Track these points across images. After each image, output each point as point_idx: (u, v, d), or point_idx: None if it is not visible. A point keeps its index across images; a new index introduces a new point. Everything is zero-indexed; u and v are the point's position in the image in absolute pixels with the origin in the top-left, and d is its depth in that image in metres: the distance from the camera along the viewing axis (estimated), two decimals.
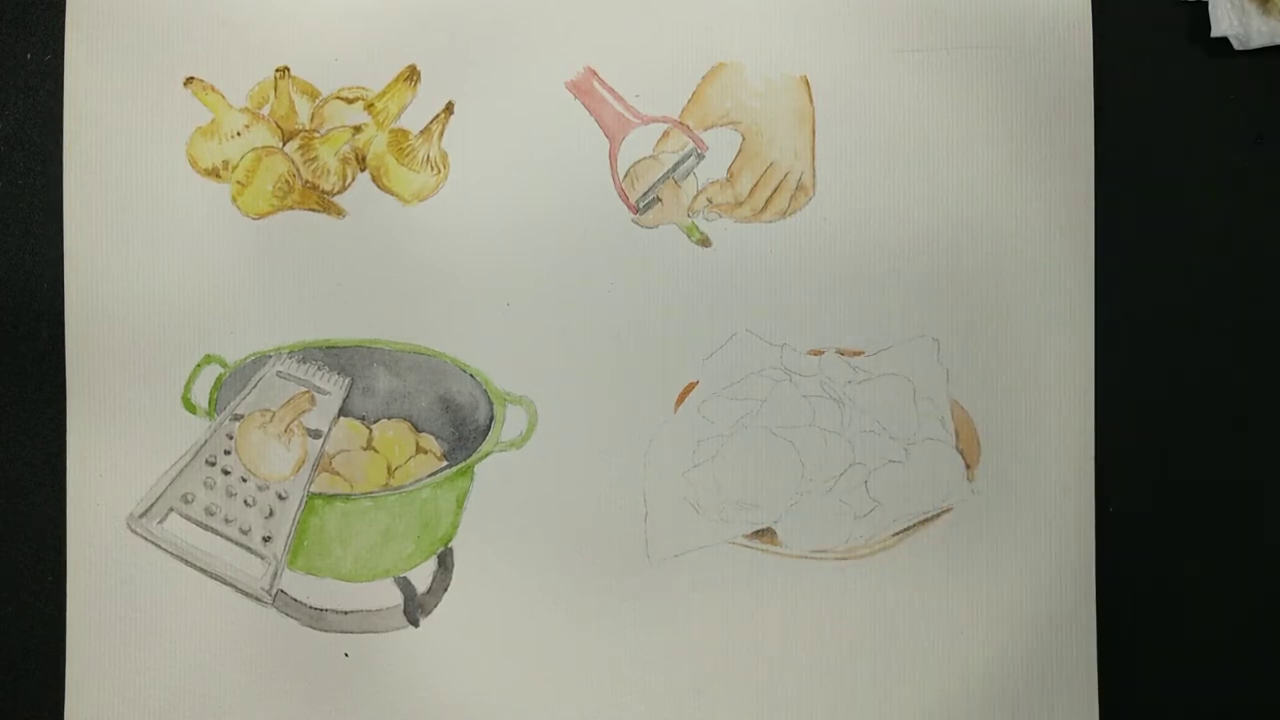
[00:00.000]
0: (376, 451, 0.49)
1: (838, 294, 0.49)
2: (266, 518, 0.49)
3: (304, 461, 0.49)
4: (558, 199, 0.49)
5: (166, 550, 0.49)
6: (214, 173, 0.49)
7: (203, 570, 0.49)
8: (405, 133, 0.49)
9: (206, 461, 0.49)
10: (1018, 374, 0.49)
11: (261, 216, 0.50)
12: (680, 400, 0.49)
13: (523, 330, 0.49)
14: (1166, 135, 0.49)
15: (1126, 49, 0.48)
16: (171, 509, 0.49)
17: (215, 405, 0.49)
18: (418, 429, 0.50)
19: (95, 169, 0.49)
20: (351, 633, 0.49)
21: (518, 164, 0.49)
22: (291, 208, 0.49)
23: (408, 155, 0.49)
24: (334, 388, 0.49)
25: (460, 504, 0.49)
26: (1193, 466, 0.49)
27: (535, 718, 0.49)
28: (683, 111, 0.49)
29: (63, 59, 0.49)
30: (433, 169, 0.49)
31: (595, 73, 0.49)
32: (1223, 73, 0.48)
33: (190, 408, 0.49)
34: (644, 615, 0.49)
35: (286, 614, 0.49)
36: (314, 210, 0.49)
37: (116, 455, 0.49)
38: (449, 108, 0.49)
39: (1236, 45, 0.47)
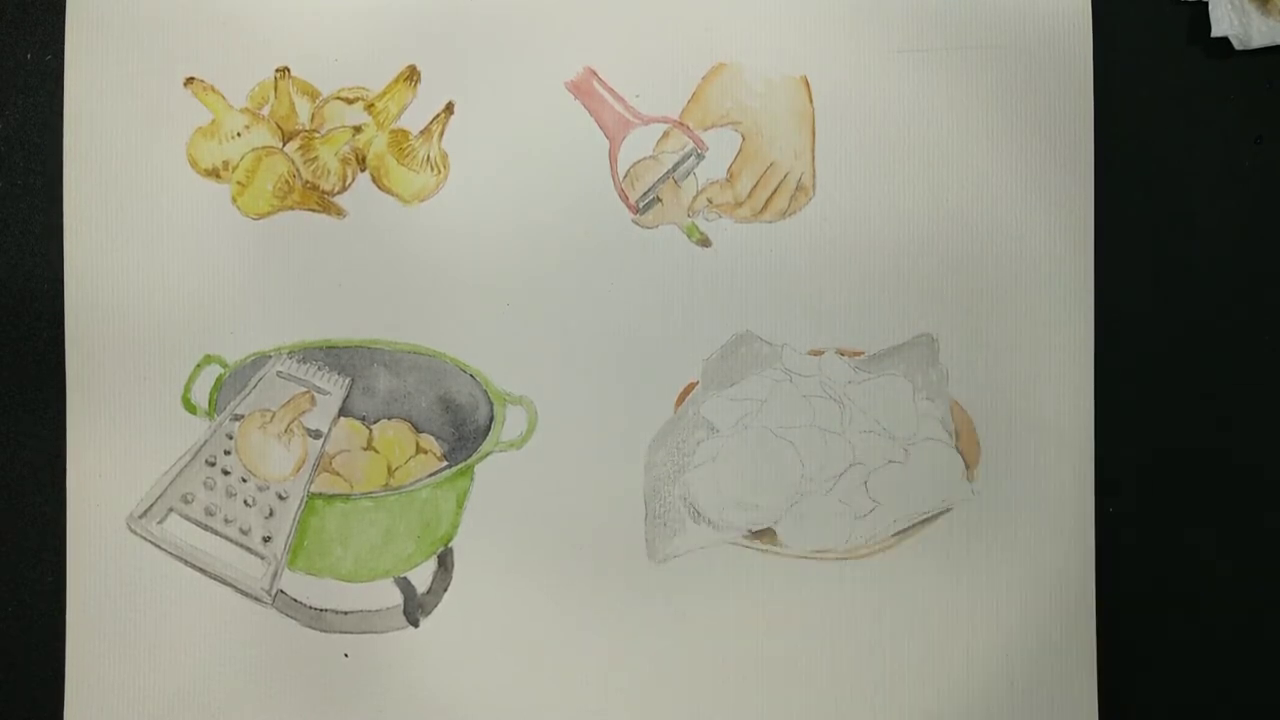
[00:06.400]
0: (376, 451, 0.49)
1: (838, 294, 0.49)
2: (266, 518, 0.49)
3: (304, 461, 0.49)
4: (558, 199, 0.49)
5: (166, 550, 0.49)
6: (214, 173, 0.49)
7: (203, 570, 0.49)
8: (405, 133, 0.49)
9: (206, 462, 0.49)
10: (1018, 374, 0.49)
11: (261, 217, 0.50)
12: (680, 400, 0.49)
13: (523, 330, 0.49)
14: (1166, 135, 0.49)
15: (1126, 49, 0.48)
16: (171, 509, 0.49)
17: (215, 405, 0.49)
18: (418, 429, 0.50)
19: (95, 169, 0.49)
20: (351, 633, 0.49)
21: (518, 164, 0.49)
22: (291, 208, 0.49)
23: (408, 155, 0.49)
24: (334, 388, 0.49)
25: (460, 504, 0.49)
26: (1193, 466, 0.49)
27: (535, 718, 0.49)
28: (683, 111, 0.49)
29: (63, 59, 0.49)
30: (433, 169, 0.49)
31: (595, 73, 0.49)
32: (1223, 73, 0.48)
33: (190, 408, 0.49)
34: (644, 615, 0.49)
35: (286, 614, 0.49)
36: (314, 210, 0.49)
37: (116, 455, 0.49)
38: (449, 108, 0.49)
39: (1236, 45, 0.47)
